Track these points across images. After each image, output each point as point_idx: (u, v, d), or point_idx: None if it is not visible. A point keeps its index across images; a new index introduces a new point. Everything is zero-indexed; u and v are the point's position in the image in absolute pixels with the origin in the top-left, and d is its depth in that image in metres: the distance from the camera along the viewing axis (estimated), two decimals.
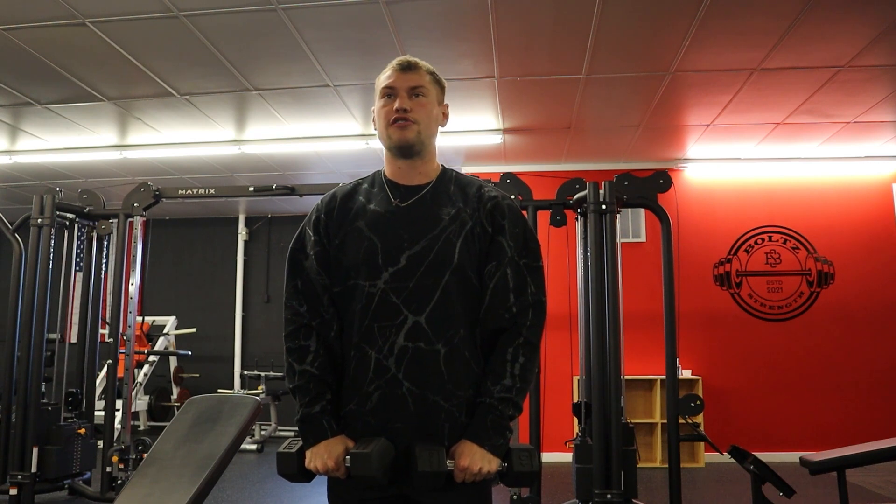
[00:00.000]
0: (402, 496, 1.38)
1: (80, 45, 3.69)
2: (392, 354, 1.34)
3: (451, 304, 1.36)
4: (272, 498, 4.43)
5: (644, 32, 3.64)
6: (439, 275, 1.36)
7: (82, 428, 4.23)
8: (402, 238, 1.38)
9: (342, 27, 3.55)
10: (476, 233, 1.40)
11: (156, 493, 2.44)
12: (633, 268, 5.35)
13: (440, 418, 1.34)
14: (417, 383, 1.34)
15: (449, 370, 1.35)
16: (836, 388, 5.66)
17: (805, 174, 5.96)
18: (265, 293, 8.10)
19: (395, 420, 1.34)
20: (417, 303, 1.35)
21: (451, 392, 1.35)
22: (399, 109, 1.40)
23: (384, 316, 1.36)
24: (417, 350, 1.34)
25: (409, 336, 1.34)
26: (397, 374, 1.34)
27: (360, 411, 1.37)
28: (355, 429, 1.37)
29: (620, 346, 3.64)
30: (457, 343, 1.36)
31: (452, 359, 1.35)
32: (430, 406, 1.34)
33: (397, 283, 1.36)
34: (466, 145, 5.50)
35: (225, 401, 2.80)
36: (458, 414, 1.35)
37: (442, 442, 1.33)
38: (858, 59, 3.88)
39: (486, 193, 1.45)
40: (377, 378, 1.35)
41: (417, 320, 1.35)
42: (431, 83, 1.46)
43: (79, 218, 4.45)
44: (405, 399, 1.34)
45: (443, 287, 1.36)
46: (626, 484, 3.43)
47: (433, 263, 1.36)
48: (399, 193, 1.44)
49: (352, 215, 1.44)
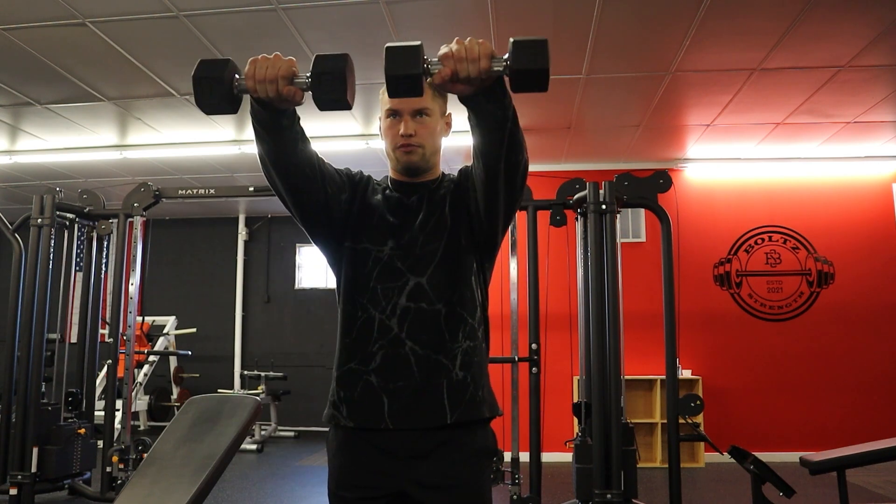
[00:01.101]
0: (401, 494, 1.38)
1: (80, 45, 3.69)
2: (395, 315, 1.39)
3: (451, 266, 1.42)
4: (272, 498, 4.43)
5: (644, 32, 3.64)
6: (437, 239, 1.42)
7: (82, 428, 4.22)
8: (409, 217, 1.46)
9: (342, 27, 3.55)
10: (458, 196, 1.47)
11: (156, 493, 2.44)
12: (633, 268, 5.35)
13: (440, 376, 1.37)
14: (420, 343, 1.37)
15: (449, 329, 1.39)
16: (836, 388, 5.66)
17: (805, 174, 5.96)
18: (265, 293, 8.10)
19: (398, 379, 1.37)
20: (420, 266, 1.41)
21: (450, 350, 1.39)
22: (404, 135, 1.44)
23: (388, 278, 1.41)
24: (419, 310, 1.39)
25: (410, 296, 1.39)
26: (400, 333, 1.38)
27: (361, 370, 1.39)
28: (354, 388, 1.39)
29: (620, 346, 3.64)
30: (455, 301, 1.40)
31: (451, 317, 1.40)
32: (432, 364, 1.37)
33: (402, 250, 1.42)
34: (467, 145, 5.51)
35: (225, 401, 2.80)
36: (452, 367, 1.38)
37: (442, 399, 1.35)
38: (858, 59, 3.88)
39: (461, 168, 1.53)
40: (380, 338, 1.38)
41: (419, 281, 1.40)
42: (434, 98, 1.47)
43: (79, 218, 4.45)
44: (408, 358, 1.37)
45: (442, 250, 1.42)
46: (626, 484, 3.43)
47: (432, 231, 1.43)
48: (405, 189, 1.51)
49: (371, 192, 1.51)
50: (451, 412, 1.36)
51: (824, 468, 2.93)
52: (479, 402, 1.39)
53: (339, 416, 1.40)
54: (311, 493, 4.48)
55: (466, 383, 1.38)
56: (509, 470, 3.78)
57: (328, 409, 1.43)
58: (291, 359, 7.67)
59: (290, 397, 7.04)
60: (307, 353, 7.78)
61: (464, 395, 1.37)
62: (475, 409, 1.38)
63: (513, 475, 3.73)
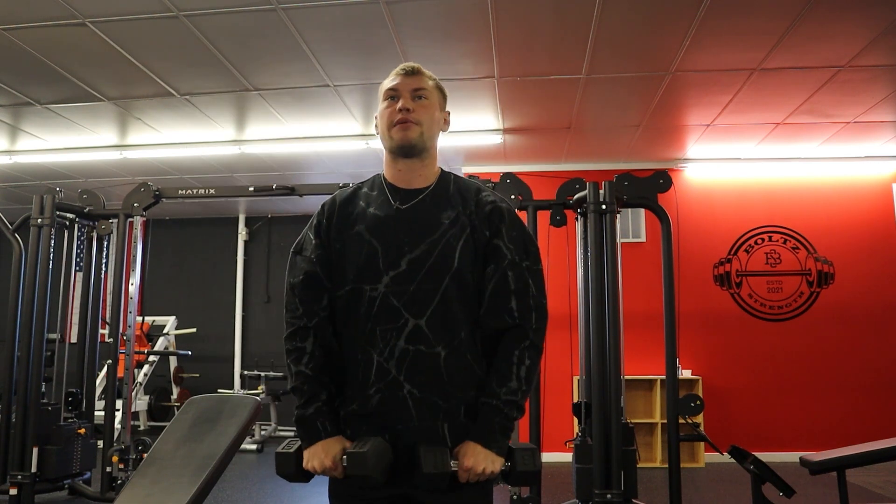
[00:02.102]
0: (404, 496, 1.38)
1: (80, 45, 3.69)
2: (393, 357, 1.35)
3: (451, 308, 1.37)
4: (272, 498, 4.43)
5: (644, 32, 3.64)
6: (439, 279, 1.37)
7: (82, 428, 4.22)
8: (403, 242, 1.39)
9: (342, 27, 3.55)
10: (475, 237, 1.41)
11: (156, 493, 2.44)
12: (633, 268, 5.35)
13: (439, 418, 1.35)
14: (418, 385, 1.35)
15: (449, 372, 1.36)
16: (836, 388, 5.66)
17: (805, 174, 5.96)
18: (265, 293, 8.10)
19: (396, 422, 1.35)
20: (418, 306, 1.36)
21: (450, 394, 1.36)
22: (402, 109, 1.41)
23: (385, 319, 1.37)
24: (418, 353, 1.35)
25: (409, 339, 1.35)
26: (398, 376, 1.35)
27: (362, 413, 1.38)
28: (358, 430, 1.38)
29: (620, 346, 3.64)
30: (457, 345, 1.37)
31: (453, 361, 1.36)
32: (429, 407, 1.35)
33: (398, 286, 1.37)
34: (466, 145, 5.51)
35: (225, 401, 2.80)
36: (456, 413, 1.36)
37: (443, 442, 1.34)
38: (858, 59, 3.88)
39: (483, 198, 1.46)
40: (378, 381, 1.36)
41: (418, 323, 1.36)
42: (434, 88, 1.48)
43: (79, 218, 4.45)
44: (405, 401, 1.35)
45: (443, 291, 1.37)
46: (626, 484, 3.43)
47: (433, 267, 1.37)
48: (399, 197, 1.45)
49: (352, 220, 1.45)
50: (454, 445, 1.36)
51: (824, 468, 2.93)
52: None
53: None
54: (311, 493, 4.48)
55: (468, 427, 1.37)
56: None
57: None
58: None
59: (290, 397, 7.00)
60: None
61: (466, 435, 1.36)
62: None
63: None
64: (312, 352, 1.41)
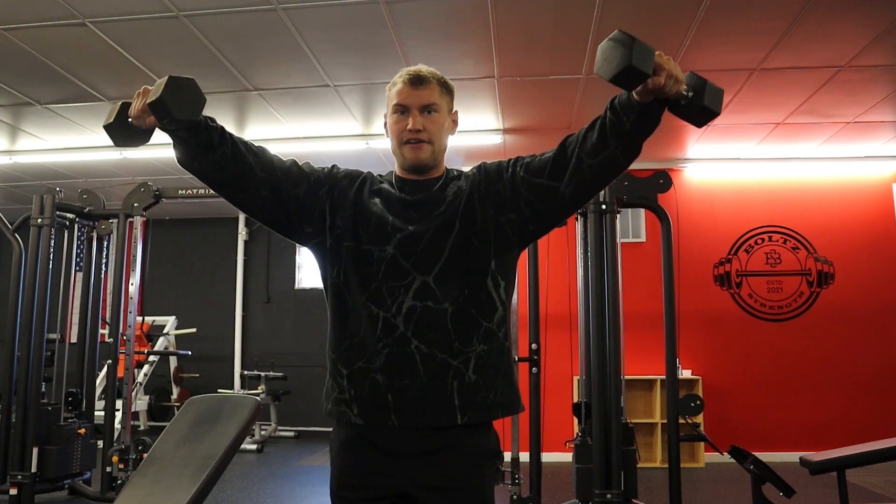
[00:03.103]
0: (404, 496, 1.38)
1: (80, 45, 3.69)
2: (400, 313, 1.37)
3: (457, 265, 1.39)
4: (272, 498, 4.43)
5: (644, 32, 3.61)
6: (444, 239, 1.40)
7: (82, 428, 4.22)
8: (411, 215, 1.43)
9: (342, 27, 3.55)
10: (475, 200, 1.44)
11: (156, 493, 2.44)
12: (633, 268, 5.34)
13: (448, 376, 1.36)
14: (426, 341, 1.36)
15: (456, 328, 1.37)
16: (836, 388, 5.66)
17: (805, 174, 5.96)
18: (265, 293, 8.10)
19: (403, 377, 1.36)
20: (426, 264, 1.39)
21: (458, 350, 1.37)
22: (412, 130, 1.42)
23: (393, 277, 1.39)
24: (426, 309, 1.37)
25: (416, 295, 1.38)
26: (406, 332, 1.36)
27: (368, 369, 1.38)
28: (363, 387, 1.38)
29: (620, 346, 3.64)
30: (463, 301, 1.38)
31: (459, 317, 1.38)
32: (437, 364, 1.36)
33: (406, 248, 1.40)
34: (466, 145, 5.51)
35: (225, 401, 2.80)
36: (464, 370, 1.37)
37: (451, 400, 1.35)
38: (858, 59, 3.88)
39: (475, 167, 1.52)
40: (385, 336, 1.37)
41: (425, 280, 1.38)
42: (442, 95, 1.47)
43: (79, 218, 4.45)
44: (413, 357, 1.36)
45: (449, 248, 1.40)
46: (626, 484, 3.43)
47: (438, 229, 1.41)
48: (408, 187, 1.48)
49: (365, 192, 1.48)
50: (462, 414, 1.35)
51: (824, 468, 2.93)
52: (491, 405, 1.39)
53: (350, 414, 1.39)
54: (311, 493, 4.48)
55: (479, 386, 1.37)
56: (509, 470, 3.78)
57: (335, 406, 1.42)
58: (291, 359, 7.67)
59: (290, 397, 7.04)
60: (307, 353, 7.77)
61: (475, 397, 1.37)
62: (486, 412, 1.39)
63: (513, 475, 3.73)
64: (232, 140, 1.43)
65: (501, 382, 1.41)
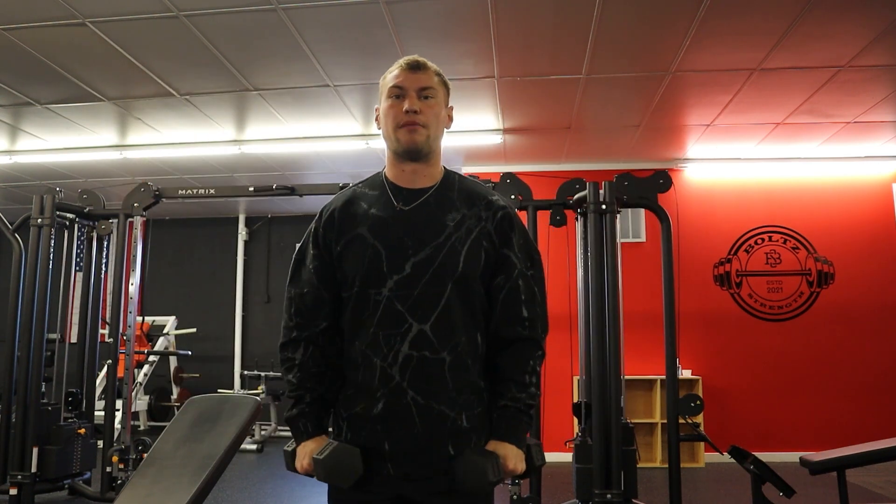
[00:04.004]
0: (403, 499, 1.38)
1: (80, 45, 3.69)
2: (396, 363, 1.34)
3: (456, 313, 1.36)
4: (272, 498, 4.43)
5: (644, 32, 3.64)
6: (444, 283, 1.35)
7: (82, 428, 4.22)
8: (407, 245, 1.37)
9: (342, 27, 3.55)
10: (482, 243, 1.40)
11: (156, 493, 2.44)
12: (633, 268, 5.34)
13: (445, 427, 1.34)
14: (422, 393, 1.34)
15: (453, 378, 1.35)
16: (835, 388, 5.66)
17: (805, 174, 5.96)
18: (265, 293, 8.10)
19: (400, 428, 1.34)
20: (422, 310, 1.35)
21: (454, 400, 1.35)
22: (409, 111, 1.38)
23: (389, 324, 1.35)
24: (422, 359, 1.34)
25: (413, 344, 1.34)
26: (402, 382, 1.34)
27: (366, 416, 1.37)
28: (360, 434, 1.37)
29: (620, 346, 3.64)
30: (459, 351, 1.36)
31: (456, 367, 1.35)
32: (435, 416, 1.34)
33: (402, 290, 1.35)
34: (466, 145, 5.51)
35: (225, 401, 2.80)
36: (460, 421, 1.36)
37: (446, 451, 1.34)
38: (858, 59, 3.88)
39: (495, 203, 1.45)
40: (382, 386, 1.35)
41: (422, 328, 1.34)
42: (439, 84, 1.45)
43: (79, 218, 4.45)
44: (409, 408, 1.34)
45: (447, 295, 1.35)
46: (626, 484, 3.43)
47: (438, 271, 1.36)
48: (402, 197, 1.42)
49: (354, 222, 1.42)
50: None
51: (824, 468, 2.93)
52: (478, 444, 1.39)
53: None
54: (311, 493, 4.48)
55: (469, 435, 1.36)
56: None
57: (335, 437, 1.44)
58: None
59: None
60: None
61: (468, 443, 1.36)
62: None
63: None
64: (302, 363, 1.43)
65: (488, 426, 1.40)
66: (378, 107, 1.46)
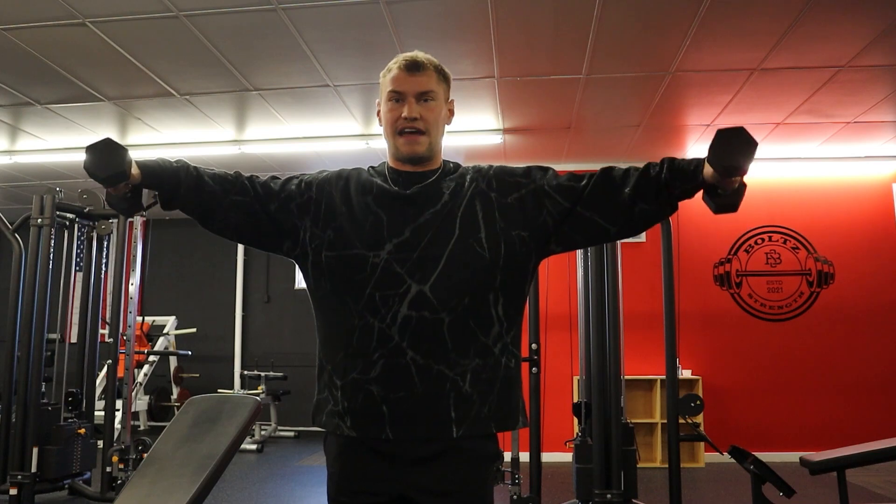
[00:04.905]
0: (403, 499, 1.37)
1: (80, 45, 3.69)
2: (395, 323, 1.33)
3: (456, 273, 1.34)
4: (272, 498, 4.43)
5: (644, 32, 3.64)
6: (443, 244, 1.35)
7: (82, 428, 4.22)
8: (407, 213, 1.38)
9: (342, 27, 3.55)
10: (476, 205, 1.39)
11: (156, 493, 2.44)
12: (633, 268, 5.34)
13: (445, 388, 1.33)
14: (421, 352, 1.32)
15: (453, 339, 1.33)
16: (836, 388, 5.66)
17: (805, 174, 5.96)
18: (265, 293, 8.10)
19: (399, 389, 1.32)
20: (422, 272, 1.34)
21: (455, 361, 1.33)
22: (408, 118, 1.38)
23: (387, 285, 1.34)
24: (422, 319, 1.32)
25: (412, 305, 1.33)
26: (401, 342, 1.32)
27: (363, 379, 1.34)
28: (357, 399, 1.35)
29: (620, 346, 3.64)
30: (461, 312, 1.34)
31: (456, 327, 1.34)
32: (434, 376, 1.32)
33: (401, 253, 1.35)
34: (466, 145, 5.51)
35: (225, 401, 2.80)
36: (461, 383, 1.33)
37: (447, 415, 1.32)
38: (858, 59, 3.88)
39: (482, 167, 1.47)
40: (381, 347, 1.33)
41: (422, 289, 1.33)
42: (439, 82, 1.44)
43: (79, 218, 4.45)
44: (408, 368, 1.32)
45: (447, 255, 1.34)
46: (626, 484, 3.42)
47: (436, 234, 1.36)
48: (403, 179, 1.43)
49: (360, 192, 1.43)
50: (458, 427, 1.33)
51: (824, 468, 2.93)
52: (484, 418, 1.35)
53: (343, 426, 1.36)
54: (311, 494, 4.48)
55: (473, 400, 1.34)
56: (509, 470, 3.78)
57: (329, 418, 1.39)
58: (291, 359, 7.67)
59: (290, 397, 7.04)
60: (307, 353, 7.77)
61: (470, 410, 1.34)
62: (481, 425, 1.35)
63: (513, 475, 3.73)
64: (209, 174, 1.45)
65: (496, 398, 1.37)
66: (379, 101, 1.46)
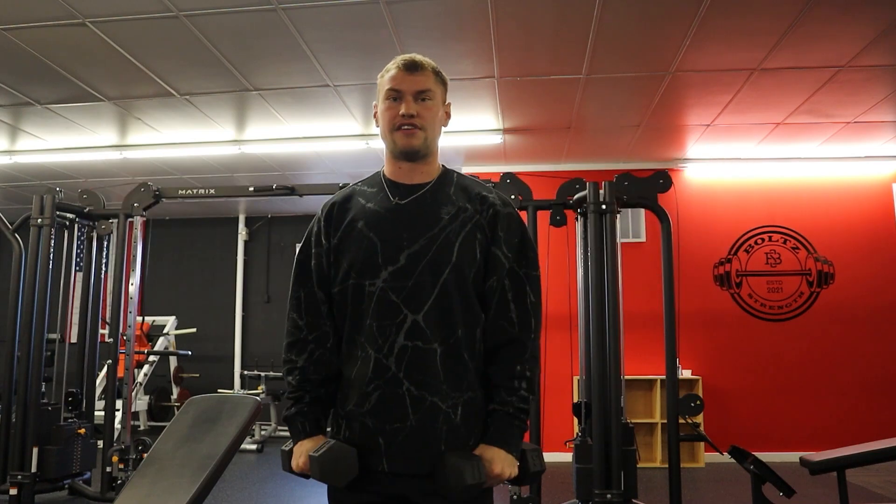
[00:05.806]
0: (402, 499, 1.37)
1: (80, 45, 3.69)
2: (392, 354, 1.34)
3: (449, 303, 1.35)
4: (272, 498, 4.43)
5: (644, 32, 3.64)
6: (437, 273, 1.35)
7: (82, 428, 4.23)
8: (402, 237, 1.38)
9: (342, 27, 3.55)
10: (476, 235, 1.40)
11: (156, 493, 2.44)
12: (633, 268, 5.34)
13: (438, 420, 1.33)
14: (416, 383, 1.33)
15: (445, 370, 1.34)
16: (836, 388, 5.66)
17: (805, 174, 5.96)
18: (265, 293, 8.10)
19: (394, 420, 1.33)
20: (416, 301, 1.35)
21: (447, 393, 1.34)
22: (406, 115, 1.39)
23: (384, 315, 1.35)
24: (416, 349, 1.33)
25: (408, 335, 1.34)
26: (398, 373, 1.33)
27: (358, 412, 1.36)
28: (353, 429, 1.38)
29: (620, 346, 3.64)
30: (453, 343, 1.35)
31: (449, 359, 1.34)
32: (427, 408, 1.33)
33: (396, 281, 1.35)
34: (466, 145, 5.50)
35: (225, 401, 2.80)
36: (453, 416, 1.35)
37: (438, 445, 1.33)
38: (858, 59, 3.88)
39: (488, 199, 1.44)
40: (377, 378, 1.34)
41: (416, 319, 1.34)
42: (436, 83, 1.45)
43: (79, 218, 4.45)
44: (403, 399, 1.33)
45: (441, 285, 1.35)
46: (626, 484, 3.43)
47: (432, 262, 1.36)
48: (399, 192, 1.43)
49: (351, 217, 1.44)
50: None
51: (824, 468, 2.93)
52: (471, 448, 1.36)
53: None
54: (311, 493, 4.48)
55: (461, 432, 1.35)
56: None
57: None
58: None
59: None
60: None
61: (458, 440, 1.35)
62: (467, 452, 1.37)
63: None
64: (303, 367, 1.43)
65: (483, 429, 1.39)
66: (376, 104, 1.47)
